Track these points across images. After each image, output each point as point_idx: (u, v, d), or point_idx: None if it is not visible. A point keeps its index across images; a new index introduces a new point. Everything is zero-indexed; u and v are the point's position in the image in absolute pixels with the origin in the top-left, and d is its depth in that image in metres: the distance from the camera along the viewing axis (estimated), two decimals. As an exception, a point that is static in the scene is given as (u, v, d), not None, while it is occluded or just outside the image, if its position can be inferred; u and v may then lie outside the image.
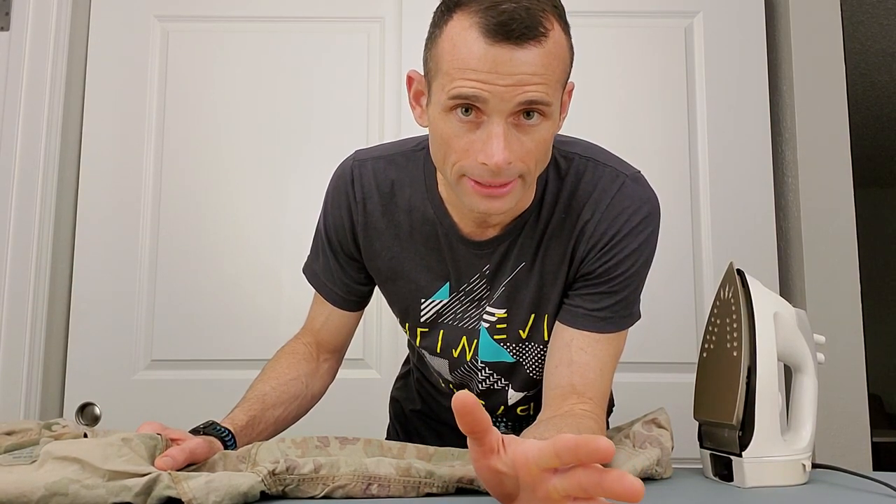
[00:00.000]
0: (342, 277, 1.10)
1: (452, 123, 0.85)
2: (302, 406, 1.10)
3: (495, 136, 0.82)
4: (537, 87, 0.82)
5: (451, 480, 0.81)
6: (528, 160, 0.85)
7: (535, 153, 0.86)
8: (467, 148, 0.85)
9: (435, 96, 0.86)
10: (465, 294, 1.03)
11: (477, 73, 0.81)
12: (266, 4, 1.94)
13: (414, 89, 0.94)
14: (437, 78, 0.85)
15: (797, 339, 0.96)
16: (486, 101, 0.81)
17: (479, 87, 0.81)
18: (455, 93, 0.82)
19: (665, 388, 1.71)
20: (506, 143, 0.82)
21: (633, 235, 0.95)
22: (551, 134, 0.87)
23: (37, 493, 0.69)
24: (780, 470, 0.91)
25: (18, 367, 1.74)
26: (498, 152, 0.82)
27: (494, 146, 0.82)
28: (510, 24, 0.79)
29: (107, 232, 1.85)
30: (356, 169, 1.04)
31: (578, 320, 0.97)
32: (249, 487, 0.74)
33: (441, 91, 0.84)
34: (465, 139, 0.85)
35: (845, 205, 1.82)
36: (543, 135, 0.85)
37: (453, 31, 0.83)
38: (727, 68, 1.91)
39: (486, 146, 0.83)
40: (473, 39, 0.81)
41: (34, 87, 1.82)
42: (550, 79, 0.83)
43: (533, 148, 0.85)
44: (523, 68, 0.80)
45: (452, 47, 0.82)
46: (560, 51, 0.85)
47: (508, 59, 0.80)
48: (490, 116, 0.83)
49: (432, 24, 0.88)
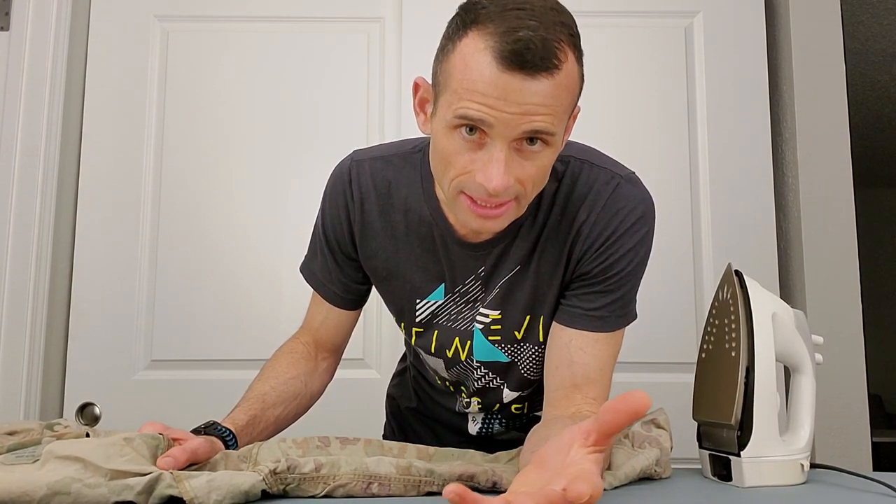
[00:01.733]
0: (339, 276, 1.10)
1: (455, 141, 0.85)
2: (302, 405, 1.10)
3: (496, 161, 0.82)
4: (544, 119, 0.81)
5: (451, 478, 0.81)
6: (525, 184, 0.86)
7: (533, 178, 0.86)
8: (467, 167, 0.85)
9: (441, 111, 0.86)
10: (459, 295, 1.03)
11: (485, 98, 0.80)
12: (266, 4, 1.95)
13: (420, 96, 0.93)
14: (445, 94, 0.85)
15: (795, 339, 0.96)
16: (492, 125, 0.81)
17: (486, 112, 0.81)
18: (461, 113, 0.82)
19: (665, 388, 1.71)
20: (506, 168, 0.83)
21: (628, 235, 0.95)
22: (552, 160, 0.88)
23: (39, 492, 0.69)
24: (779, 470, 0.91)
25: (18, 367, 1.74)
26: (497, 177, 0.82)
27: (494, 170, 0.82)
28: (525, 55, 0.79)
29: (107, 232, 1.86)
30: (354, 169, 1.05)
31: (576, 320, 0.97)
32: (251, 486, 0.74)
33: (447, 108, 0.84)
34: (466, 157, 0.85)
35: (845, 205, 1.83)
36: (544, 161, 0.86)
37: (466, 51, 0.82)
38: (727, 68, 1.91)
39: (486, 168, 0.83)
40: (486, 64, 0.80)
41: (34, 87, 1.82)
42: (558, 110, 0.83)
43: (533, 173, 0.85)
44: (532, 99, 0.80)
45: (464, 67, 0.82)
46: (570, 82, 0.84)
47: (518, 88, 0.80)
48: (493, 140, 0.83)
49: (446, 35, 0.87)
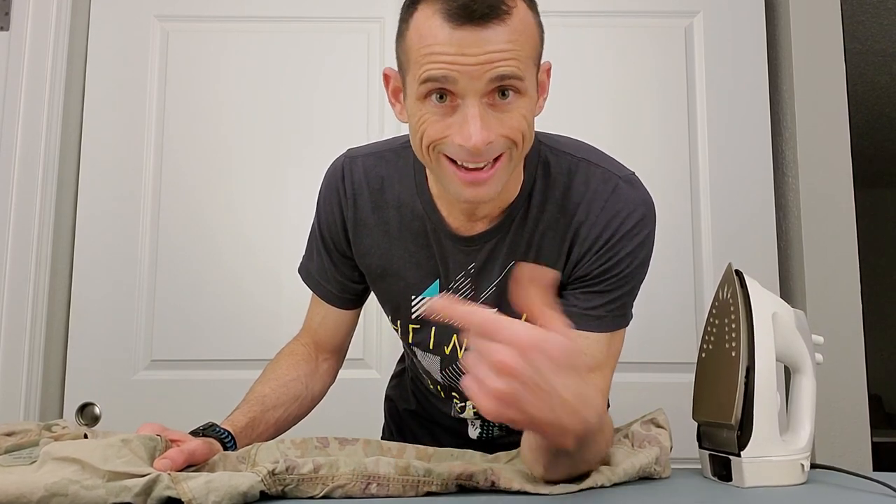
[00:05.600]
0: (336, 276, 1.10)
1: (428, 110, 0.85)
2: (302, 407, 1.10)
3: (471, 118, 0.82)
4: (507, 62, 0.81)
5: (450, 478, 0.81)
6: (510, 135, 0.85)
7: (517, 128, 0.85)
8: (444, 132, 0.84)
9: (409, 88, 0.87)
10: (453, 292, 1.03)
11: (444, 56, 0.81)
12: (266, 4, 1.95)
13: (392, 87, 0.94)
14: (409, 69, 0.86)
15: (795, 339, 0.96)
16: (456, 80, 0.81)
17: (447, 67, 0.81)
18: (425, 76, 0.82)
19: (665, 388, 1.72)
20: (483, 123, 0.82)
21: (627, 239, 0.94)
22: (530, 111, 0.87)
23: (37, 493, 0.69)
24: (779, 470, 0.91)
25: (18, 367, 1.74)
26: (475, 133, 0.82)
27: (471, 127, 0.82)
28: (471, 6, 0.79)
29: (107, 232, 1.86)
30: (347, 166, 1.05)
31: (574, 320, 0.95)
32: (249, 487, 0.74)
33: (413, 81, 0.84)
34: (441, 124, 0.84)
35: (845, 205, 1.82)
36: (522, 111, 0.85)
37: (418, 22, 0.83)
38: (727, 68, 1.91)
39: (462, 128, 0.83)
40: (438, 26, 0.81)
41: (34, 87, 1.82)
42: (520, 54, 0.82)
43: (514, 124, 0.84)
44: (490, 47, 0.80)
45: (419, 37, 0.83)
46: (527, 27, 0.84)
47: (474, 40, 0.80)
48: (464, 99, 0.82)
49: (400, 20, 0.88)
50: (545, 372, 0.63)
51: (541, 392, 0.63)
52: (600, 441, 0.82)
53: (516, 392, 0.62)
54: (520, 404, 0.63)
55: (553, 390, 0.64)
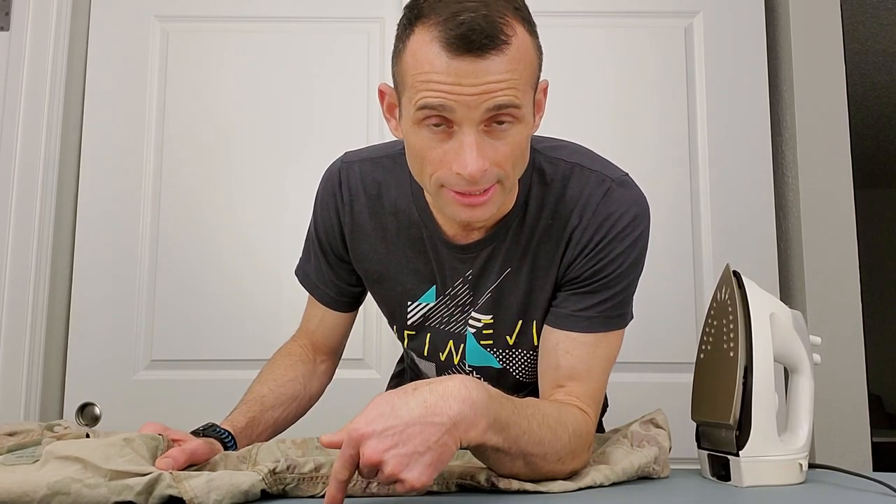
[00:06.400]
0: (333, 279, 1.10)
1: (425, 136, 0.84)
2: (300, 407, 1.10)
3: (467, 146, 0.82)
4: (505, 92, 0.81)
5: (450, 477, 0.81)
6: (504, 165, 0.85)
7: (510, 157, 0.85)
8: (441, 158, 0.84)
9: (405, 110, 0.86)
10: (450, 298, 1.03)
11: (441, 85, 0.80)
12: (266, 4, 1.95)
13: (387, 102, 0.94)
14: (405, 92, 0.85)
15: (793, 340, 0.96)
16: (454, 109, 0.81)
17: (444, 96, 0.80)
18: (421, 103, 0.82)
19: (664, 388, 1.72)
20: (479, 152, 0.82)
21: (619, 239, 0.94)
22: (526, 136, 0.87)
23: (39, 492, 0.70)
24: (777, 469, 0.91)
25: (18, 367, 1.74)
26: (471, 161, 0.82)
27: (468, 156, 0.82)
28: (470, 37, 0.79)
29: (107, 232, 1.86)
30: (344, 171, 1.05)
31: (562, 321, 0.96)
32: (250, 486, 0.74)
33: (409, 104, 0.84)
34: (438, 150, 0.84)
35: (845, 205, 1.83)
36: (517, 138, 0.85)
37: (415, 46, 0.83)
38: (727, 68, 1.91)
39: (459, 156, 0.83)
40: (435, 54, 0.80)
41: (34, 87, 1.82)
42: (518, 83, 0.82)
43: (508, 152, 0.85)
44: (488, 77, 0.80)
45: (416, 62, 0.82)
46: (525, 54, 0.83)
47: (472, 71, 0.80)
48: (461, 126, 0.82)
49: (396, 37, 0.87)
50: (384, 427, 0.71)
51: (397, 434, 0.71)
52: (536, 429, 0.81)
53: (397, 452, 0.70)
54: (407, 454, 0.70)
55: (400, 421, 0.71)
